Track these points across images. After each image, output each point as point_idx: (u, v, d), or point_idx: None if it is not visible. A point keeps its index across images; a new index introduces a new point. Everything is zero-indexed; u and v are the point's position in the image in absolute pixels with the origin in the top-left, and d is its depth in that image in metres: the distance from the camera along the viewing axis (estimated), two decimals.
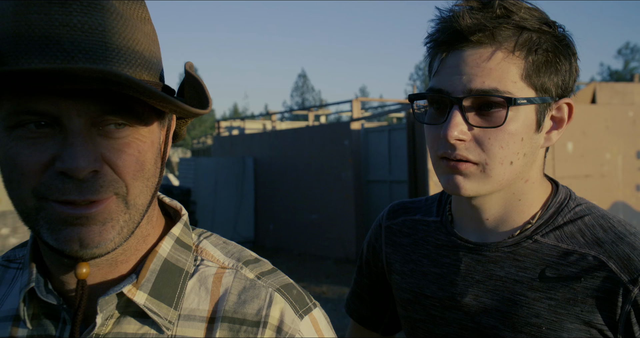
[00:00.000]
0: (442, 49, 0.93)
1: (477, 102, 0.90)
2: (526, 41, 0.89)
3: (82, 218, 0.65)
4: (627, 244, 0.90)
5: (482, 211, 1.00)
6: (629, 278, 0.87)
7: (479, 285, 1.00)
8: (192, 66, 0.77)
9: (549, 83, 0.92)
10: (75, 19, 0.62)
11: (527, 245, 0.96)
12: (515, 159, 0.92)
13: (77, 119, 0.64)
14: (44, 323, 0.76)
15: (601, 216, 0.96)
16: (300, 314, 0.79)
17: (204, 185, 10.56)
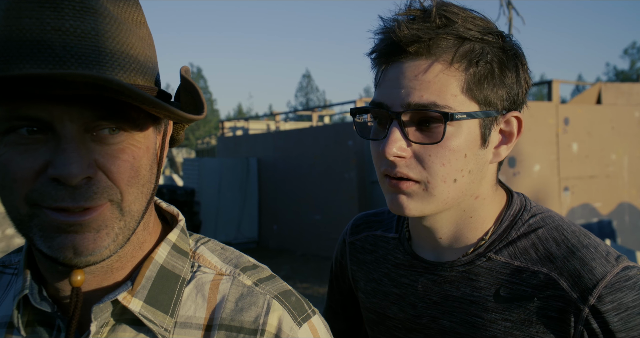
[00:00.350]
0: (382, 61, 0.90)
1: (417, 116, 0.86)
2: (467, 52, 0.85)
3: (76, 225, 0.64)
4: (577, 259, 0.86)
5: (434, 231, 0.97)
6: (579, 297, 0.83)
7: (437, 307, 0.97)
8: (187, 71, 0.76)
9: (493, 96, 0.88)
10: (67, 23, 0.61)
11: (481, 264, 0.93)
12: (459, 176, 0.88)
13: (70, 124, 0.63)
14: (38, 330, 0.74)
15: (555, 228, 0.92)
16: (299, 322, 0.78)
17: (208, 185, 10.57)
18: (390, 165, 0.88)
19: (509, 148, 0.93)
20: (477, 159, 0.90)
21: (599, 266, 0.84)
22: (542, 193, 7.35)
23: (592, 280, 0.83)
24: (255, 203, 11.03)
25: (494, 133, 0.91)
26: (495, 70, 0.87)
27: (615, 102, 8.32)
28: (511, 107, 0.91)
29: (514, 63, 0.90)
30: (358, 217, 1.22)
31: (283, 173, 10.57)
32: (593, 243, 0.89)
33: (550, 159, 7.41)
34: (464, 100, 0.86)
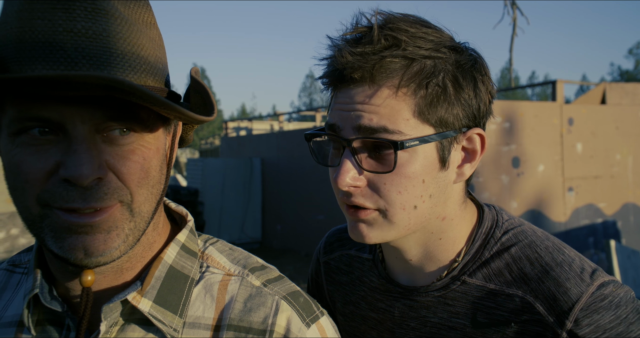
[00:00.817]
0: (331, 87, 0.87)
1: (369, 143, 0.83)
2: (416, 74, 0.81)
3: (87, 226, 0.64)
4: (552, 280, 0.83)
5: (403, 252, 0.93)
6: (556, 321, 0.81)
7: (416, 333, 0.95)
8: (197, 72, 0.76)
9: (449, 116, 0.83)
10: (79, 24, 0.61)
11: (456, 288, 0.90)
12: (419, 203, 0.84)
13: (81, 125, 0.63)
14: (48, 329, 0.75)
15: (528, 245, 0.89)
16: (307, 322, 0.78)
17: (212, 185, 10.57)
18: (346, 194, 0.85)
19: (473, 166, 0.89)
20: (437, 182, 0.86)
21: (573, 287, 0.81)
22: (546, 194, 7.32)
23: (567, 303, 0.80)
24: (259, 204, 11.03)
25: (455, 152, 0.87)
26: (448, 89, 0.82)
27: (619, 102, 8.29)
28: (471, 123, 0.87)
29: (471, 77, 0.85)
30: (330, 234, 1.18)
31: (286, 173, 10.58)
32: (567, 259, 0.86)
33: (555, 159, 7.38)
34: (417, 124, 0.81)
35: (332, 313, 1.14)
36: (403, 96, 0.81)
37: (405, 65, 0.81)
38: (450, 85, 0.83)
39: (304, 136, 0.93)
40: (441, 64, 0.82)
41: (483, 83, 0.87)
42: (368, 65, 0.80)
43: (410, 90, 0.81)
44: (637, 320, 0.80)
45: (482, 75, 0.87)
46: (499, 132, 6.89)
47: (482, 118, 0.89)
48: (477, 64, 0.87)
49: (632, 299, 0.82)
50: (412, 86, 0.81)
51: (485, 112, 0.89)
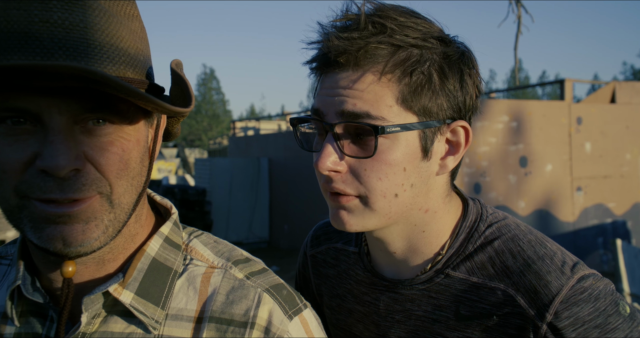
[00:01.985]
0: (317, 72, 0.88)
1: (352, 129, 0.83)
2: (401, 62, 0.81)
3: (65, 216, 0.64)
4: (533, 273, 0.83)
5: (387, 244, 0.93)
6: (537, 314, 0.81)
7: (400, 326, 0.95)
8: (178, 64, 0.76)
9: (433, 106, 0.83)
10: (55, 15, 0.61)
11: (440, 281, 0.91)
12: (400, 191, 0.84)
13: (58, 116, 0.63)
14: (31, 321, 0.75)
15: (511, 239, 0.89)
16: (290, 315, 0.78)
17: (219, 185, 10.61)
18: (327, 179, 0.85)
19: (456, 159, 0.88)
20: (419, 172, 0.85)
21: (554, 280, 0.82)
22: (555, 194, 7.26)
23: (548, 296, 0.81)
24: (266, 203, 11.05)
25: (439, 144, 0.87)
26: (433, 78, 0.82)
27: (629, 101, 8.20)
28: (456, 115, 0.86)
29: (458, 69, 0.85)
30: (317, 227, 1.18)
31: (294, 173, 10.58)
32: (549, 253, 0.86)
33: (563, 158, 7.32)
34: (400, 111, 0.81)
35: (319, 306, 1.14)
36: (387, 82, 0.81)
37: (391, 52, 0.81)
38: (436, 75, 0.82)
39: (289, 121, 0.93)
40: (428, 53, 0.82)
41: (470, 76, 0.87)
42: (353, 48, 0.80)
43: (395, 77, 0.81)
44: (615, 313, 0.80)
45: (470, 69, 0.87)
46: (507, 131, 6.84)
47: (468, 111, 0.89)
48: (464, 57, 0.87)
49: (612, 292, 0.83)
50: (396, 73, 0.81)
51: (471, 105, 0.89)
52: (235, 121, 15.34)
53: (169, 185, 10.35)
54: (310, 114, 0.89)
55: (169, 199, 9.48)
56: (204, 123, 47.36)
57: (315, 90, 0.89)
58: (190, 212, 9.87)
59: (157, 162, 24.44)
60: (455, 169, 0.93)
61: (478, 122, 6.53)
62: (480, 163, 6.66)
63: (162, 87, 0.78)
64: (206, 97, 51.10)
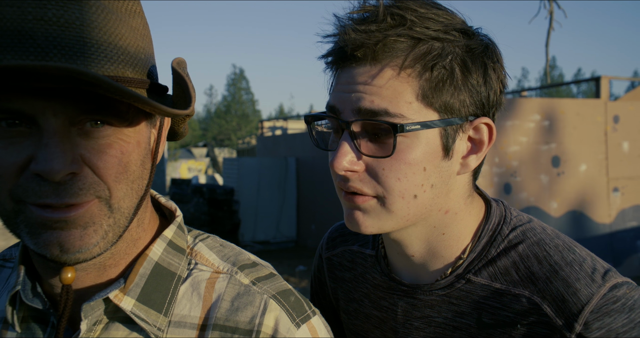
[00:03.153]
0: (334, 67, 0.84)
1: (369, 127, 0.79)
2: (421, 55, 0.76)
3: (61, 221, 0.62)
4: (561, 280, 0.78)
5: (405, 247, 0.89)
6: (565, 324, 0.76)
7: (419, 333, 0.91)
8: (180, 63, 0.73)
9: (455, 102, 0.78)
10: (50, 12, 0.59)
11: (461, 287, 0.86)
12: (419, 192, 0.80)
13: (53, 118, 0.61)
14: (32, 326, 0.74)
15: (536, 243, 0.84)
16: (297, 322, 0.75)
17: (247, 184, 10.68)
18: (343, 179, 0.81)
19: (479, 158, 0.84)
20: (439, 172, 0.81)
21: (583, 288, 0.77)
22: (589, 194, 7.03)
23: (577, 305, 0.76)
24: (294, 203, 11.06)
25: (461, 142, 0.82)
26: (456, 73, 0.78)
27: None
28: (479, 112, 0.82)
29: (481, 63, 0.80)
30: (333, 229, 1.14)
31: (321, 172, 10.56)
32: (578, 259, 0.81)
33: (598, 158, 7.07)
34: (420, 108, 0.77)
35: (336, 310, 1.11)
36: (407, 77, 0.77)
37: (411, 45, 0.77)
38: (458, 70, 0.78)
39: (304, 119, 0.89)
40: (450, 46, 0.78)
41: (494, 70, 0.82)
42: (371, 42, 0.76)
43: (415, 71, 0.77)
44: None
45: (494, 62, 0.82)
46: (538, 130, 6.66)
47: (491, 107, 0.84)
48: (488, 50, 0.82)
49: None
50: (417, 67, 0.77)
51: (495, 101, 0.84)
52: (263, 121, 15.42)
53: (198, 185, 10.48)
54: (326, 111, 0.85)
55: (198, 198, 9.54)
56: (233, 123, 47.81)
57: (331, 85, 0.85)
58: (219, 211, 9.97)
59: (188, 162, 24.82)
60: (478, 169, 0.88)
61: (508, 121, 6.37)
62: (511, 163, 6.50)
63: (165, 87, 0.75)
64: (235, 97, 51.57)
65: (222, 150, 26.97)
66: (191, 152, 29.03)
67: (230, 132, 46.57)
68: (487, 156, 6.11)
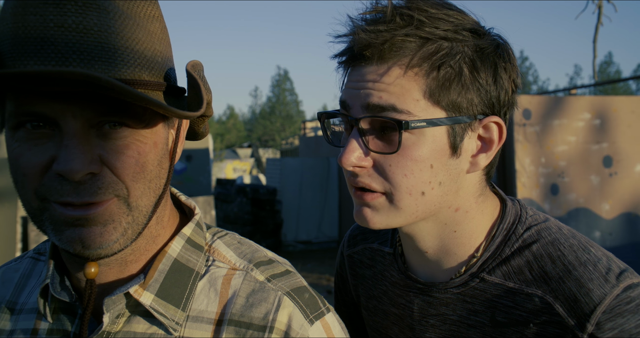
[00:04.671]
0: (345, 66, 0.86)
1: (378, 124, 0.81)
2: (429, 55, 0.78)
3: (82, 219, 0.65)
4: (574, 280, 0.78)
5: (417, 241, 0.90)
6: (577, 323, 0.76)
7: (435, 330, 0.92)
8: (195, 65, 0.75)
9: (462, 101, 0.79)
10: (70, 19, 0.62)
11: (475, 285, 0.87)
12: (427, 189, 0.81)
13: (73, 120, 0.64)
14: (62, 318, 0.78)
15: (550, 242, 0.84)
16: (311, 319, 0.76)
17: (290, 184, 10.77)
18: (352, 174, 0.84)
19: (489, 156, 0.84)
20: (447, 170, 0.82)
21: (596, 288, 0.76)
22: None
23: (589, 305, 0.75)
24: (336, 203, 11.08)
25: (469, 140, 0.83)
26: (464, 72, 0.79)
27: None
28: (488, 111, 0.82)
29: (491, 63, 0.81)
30: (354, 227, 1.16)
31: None
32: (592, 259, 0.80)
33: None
34: (427, 106, 0.78)
35: (357, 307, 1.13)
36: (414, 76, 0.78)
37: (419, 45, 0.79)
38: (466, 69, 0.79)
39: (317, 116, 0.93)
40: (459, 46, 0.79)
41: (505, 70, 0.83)
42: (378, 41, 0.78)
43: (422, 70, 0.78)
44: None
45: (505, 62, 0.83)
46: (588, 129, 6.40)
47: (502, 107, 0.84)
48: (499, 50, 0.82)
49: None
50: (424, 66, 0.78)
51: (507, 101, 0.84)
52: (305, 121, 15.52)
53: (242, 185, 10.66)
54: (338, 109, 0.88)
55: (242, 198, 9.67)
56: (277, 124, 48.36)
57: (342, 83, 0.87)
58: (261, 211, 10.11)
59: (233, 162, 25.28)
60: (491, 168, 0.89)
61: (555, 120, 6.16)
62: (558, 163, 6.28)
63: (183, 88, 0.77)
64: (280, 98, 52.13)
65: (267, 151, 27.31)
66: (236, 153, 29.56)
67: (274, 133, 47.13)
68: (533, 156, 5.90)
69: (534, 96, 6.16)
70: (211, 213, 6.90)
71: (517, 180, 6.67)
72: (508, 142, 7.23)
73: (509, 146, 7.19)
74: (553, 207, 6.29)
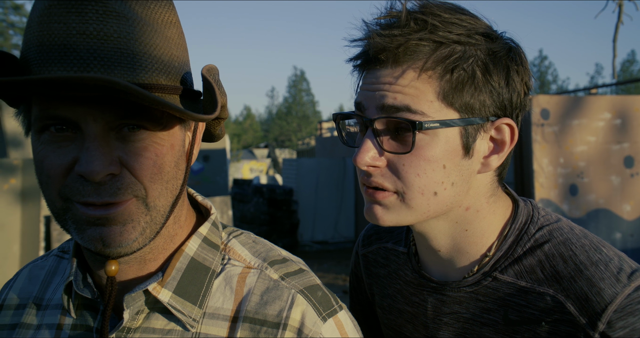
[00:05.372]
0: (360, 69, 0.88)
1: (392, 124, 0.83)
2: (443, 58, 0.80)
3: (103, 218, 0.68)
4: (585, 280, 0.80)
5: (429, 240, 0.92)
6: (588, 322, 0.78)
7: (449, 328, 0.94)
8: (210, 70, 0.77)
9: (475, 102, 0.82)
10: (91, 27, 0.65)
11: (487, 284, 0.89)
12: (439, 189, 0.83)
13: (94, 123, 0.67)
14: (85, 313, 0.81)
15: (562, 242, 0.85)
16: (324, 317, 0.77)
17: (306, 185, 10.81)
18: (366, 174, 0.86)
19: (501, 157, 0.86)
20: (459, 170, 0.84)
21: (607, 287, 0.77)
22: None
23: (600, 304, 0.77)
24: (352, 203, 11.08)
25: (482, 141, 0.85)
26: (477, 75, 0.81)
27: None
28: (500, 113, 0.84)
29: (504, 66, 0.83)
30: (369, 227, 1.18)
31: None
32: (604, 259, 0.81)
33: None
34: (441, 107, 0.81)
35: (372, 305, 1.16)
36: (428, 79, 0.81)
37: (432, 48, 0.81)
38: (479, 72, 0.81)
39: (332, 117, 0.95)
40: (472, 50, 0.82)
41: (517, 73, 0.85)
42: (393, 45, 0.81)
43: (436, 73, 0.81)
44: None
45: (517, 65, 0.85)
46: (609, 129, 6.30)
47: (514, 109, 0.86)
48: (512, 53, 0.85)
49: None
50: (437, 69, 0.80)
51: (519, 103, 0.86)
52: (322, 121, 15.54)
53: (258, 185, 10.73)
54: (353, 110, 0.90)
55: (258, 198, 9.72)
56: (294, 124, 48.50)
57: (357, 86, 0.90)
58: (278, 211, 10.16)
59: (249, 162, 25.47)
60: (502, 169, 0.90)
61: (575, 120, 6.08)
62: (577, 163, 6.20)
63: (199, 92, 0.80)
64: (296, 98, 52.29)
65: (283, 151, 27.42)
66: (253, 153, 29.75)
67: (290, 133, 47.27)
68: (551, 156, 5.82)
69: (552, 96, 6.09)
70: (228, 213, 6.97)
71: (535, 181, 6.60)
72: (526, 142, 7.16)
73: (526, 146, 7.11)
74: (572, 207, 6.21)
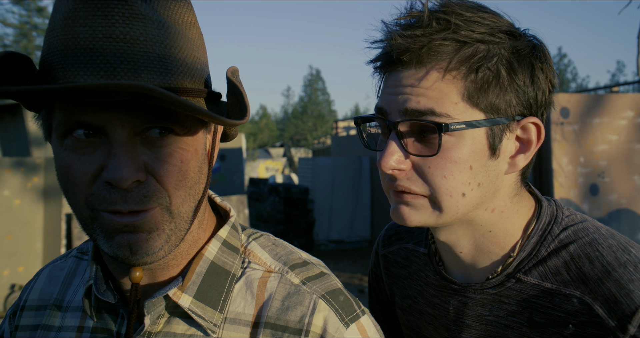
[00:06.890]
0: (381, 71, 0.86)
1: (416, 127, 0.81)
2: (467, 58, 0.78)
3: (130, 226, 0.67)
4: (613, 281, 0.77)
5: (452, 246, 0.90)
6: (618, 325, 0.75)
7: (471, 330, 0.91)
8: (234, 72, 0.76)
9: (501, 102, 0.80)
10: (117, 30, 0.63)
11: (511, 286, 0.87)
12: (467, 190, 0.82)
13: (121, 129, 0.65)
14: (105, 317, 0.81)
15: (588, 243, 0.83)
16: (346, 322, 0.76)
17: (322, 184, 10.79)
18: (391, 178, 0.84)
19: (527, 157, 0.85)
20: (486, 171, 0.83)
21: (637, 289, 0.75)
22: None
23: (630, 306, 0.74)
24: (368, 203, 11.04)
25: (508, 141, 0.83)
26: (501, 74, 0.79)
27: None
28: (526, 112, 0.83)
29: (528, 64, 0.81)
30: (389, 227, 1.17)
31: None
32: (633, 260, 0.78)
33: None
34: (466, 108, 0.79)
35: (392, 306, 1.14)
36: (452, 79, 0.79)
37: (456, 48, 0.79)
38: (504, 71, 0.80)
39: (354, 120, 0.93)
40: (495, 48, 0.80)
41: (542, 71, 0.83)
42: (416, 46, 0.79)
43: (460, 73, 0.79)
44: None
45: (542, 63, 0.83)
46: (631, 128, 6.18)
47: (540, 107, 0.84)
48: (536, 51, 0.83)
49: None
50: (462, 69, 0.79)
51: (544, 101, 0.84)
52: (338, 121, 15.51)
53: (274, 184, 10.75)
54: (374, 113, 0.88)
55: (274, 197, 9.74)
56: (310, 123, 48.51)
57: (379, 89, 0.88)
58: (294, 210, 10.17)
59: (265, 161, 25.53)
60: (527, 168, 0.89)
61: (595, 119, 5.97)
62: (598, 162, 6.09)
63: (219, 93, 0.79)
64: (312, 97, 52.27)
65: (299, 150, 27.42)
66: (269, 152, 29.80)
67: (306, 133, 47.28)
68: (571, 155, 5.73)
69: (572, 94, 5.98)
70: (244, 212, 6.99)
71: (554, 180, 6.50)
72: (545, 141, 7.05)
73: (545, 145, 7.01)
74: (593, 207, 6.10)
